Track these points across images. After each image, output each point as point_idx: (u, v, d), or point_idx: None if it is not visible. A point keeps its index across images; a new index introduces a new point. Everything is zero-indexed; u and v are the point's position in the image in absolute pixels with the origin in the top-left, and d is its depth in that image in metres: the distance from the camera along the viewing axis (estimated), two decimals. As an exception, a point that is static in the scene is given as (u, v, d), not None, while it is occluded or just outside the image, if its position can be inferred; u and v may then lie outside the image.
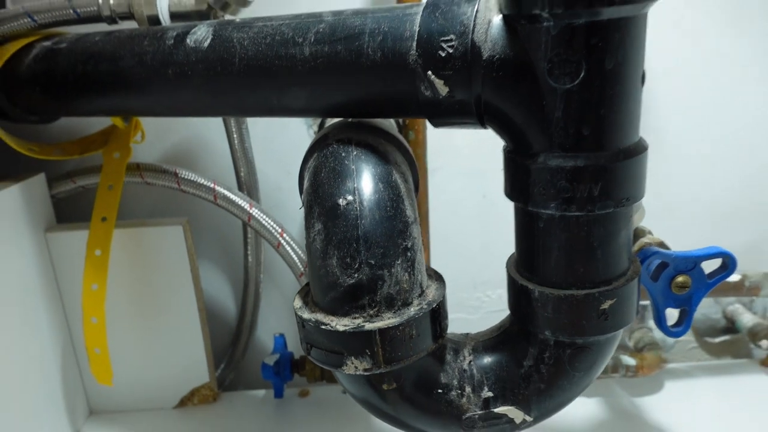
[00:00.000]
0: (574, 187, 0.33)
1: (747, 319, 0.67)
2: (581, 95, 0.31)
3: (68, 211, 0.64)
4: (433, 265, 0.66)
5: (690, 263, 0.41)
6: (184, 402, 0.68)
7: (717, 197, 0.68)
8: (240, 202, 0.60)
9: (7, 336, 0.54)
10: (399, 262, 0.36)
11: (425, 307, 0.37)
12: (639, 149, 0.34)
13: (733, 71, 0.64)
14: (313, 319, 0.37)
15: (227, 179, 0.65)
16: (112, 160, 0.58)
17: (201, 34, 0.42)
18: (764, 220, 0.68)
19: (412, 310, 0.36)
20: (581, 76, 0.31)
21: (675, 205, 0.68)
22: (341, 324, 0.36)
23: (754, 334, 0.66)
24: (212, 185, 0.59)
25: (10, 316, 0.54)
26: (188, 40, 0.43)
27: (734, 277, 0.61)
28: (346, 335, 0.35)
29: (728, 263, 0.41)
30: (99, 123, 0.59)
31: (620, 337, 0.40)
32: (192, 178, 0.59)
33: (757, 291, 0.61)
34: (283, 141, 0.68)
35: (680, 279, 0.41)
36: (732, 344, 0.69)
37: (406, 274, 0.36)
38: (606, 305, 0.36)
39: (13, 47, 0.51)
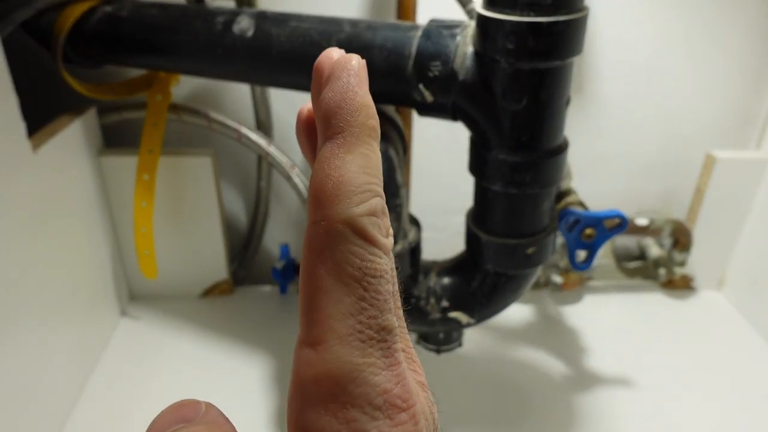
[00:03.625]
0: (514, 174, 0.48)
1: (654, 251, 0.85)
2: (523, 114, 0.46)
3: (114, 138, 0.76)
4: (413, 193, 0.82)
5: (596, 221, 0.57)
6: (207, 293, 0.85)
7: (641, 153, 0.83)
8: (259, 141, 0.73)
9: (72, 238, 0.68)
10: (392, 216, 0.51)
11: (407, 246, 0.53)
12: (560, 149, 0.49)
13: (664, 49, 0.77)
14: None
15: (246, 117, 0.78)
16: (155, 101, 0.70)
17: (245, 24, 0.54)
18: (677, 174, 0.85)
19: (398, 248, 0.52)
20: (524, 102, 0.45)
21: (607, 157, 0.83)
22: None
23: (657, 264, 0.84)
24: (237, 127, 0.72)
25: (73, 222, 0.68)
26: (234, 29, 0.55)
27: (642, 221, 0.78)
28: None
29: (622, 222, 0.58)
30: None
31: (540, 270, 0.57)
32: (221, 120, 0.72)
33: (659, 233, 0.79)
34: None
35: (588, 231, 0.58)
36: (642, 269, 0.88)
37: (395, 223, 0.52)
38: (530, 250, 0.53)
39: (79, 8, 0.61)
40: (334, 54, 0.17)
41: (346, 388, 0.15)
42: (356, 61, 0.17)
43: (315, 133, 0.18)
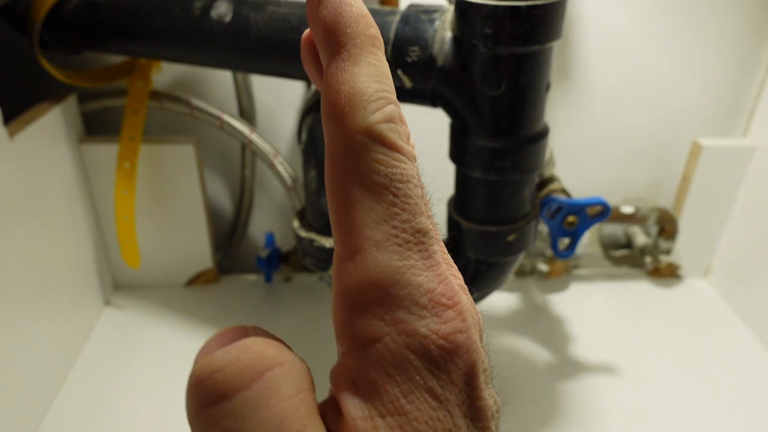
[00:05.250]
0: (494, 160, 0.48)
1: (640, 239, 0.85)
2: (502, 100, 0.45)
3: (95, 125, 0.76)
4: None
5: (578, 208, 0.57)
6: (191, 282, 0.84)
7: (627, 141, 0.83)
8: (242, 129, 0.72)
9: (53, 227, 0.67)
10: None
11: (386, 233, 0.52)
12: (541, 135, 0.49)
13: (651, 37, 0.76)
14: (308, 238, 0.52)
15: (229, 104, 0.77)
16: (136, 88, 0.69)
17: (223, 10, 0.54)
18: (663, 163, 0.84)
19: (377, 236, 0.52)
20: (502, 87, 0.45)
21: (593, 145, 0.83)
22: (329, 242, 0.51)
23: (643, 252, 0.84)
24: (219, 114, 0.72)
25: (53, 210, 0.67)
26: (212, 14, 0.54)
27: (628, 209, 0.78)
28: (332, 251, 0.51)
29: (604, 210, 0.57)
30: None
31: (521, 257, 0.57)
32: (203, 107, 0.71)
33: (645, 221, 0.79)
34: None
35: (570, 219, 0.58)
36: (629, 257, 0.88)
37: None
38: (511, 237, 0.53)
39: (56, -7, 0.61)
40: None
41: (389, 292, 0.15)
42: None
43: (318, 55, 0.17)
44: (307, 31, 0.18)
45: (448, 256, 0.17)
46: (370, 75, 0.16)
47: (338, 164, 0.16)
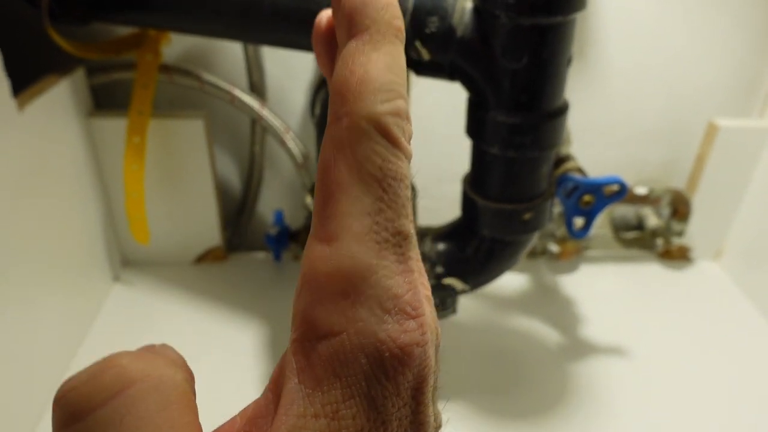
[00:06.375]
0: (512, 136, 0.47)
1: (652, 221, 0.84)
2: (523, 73, 0.44)
3: (104, 99, 0.75)
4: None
5: (594, 187, 0.56)
6: (200, 259, 0.84)
7: (643, 121, 0.82)
8: (253, 104, 0.71)
9: (61, 202, 0.67)
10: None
11: (401, 210, 0.52)
12: (561, 111, 0.48)
13: (668, 15, 0.75)
14: (322, 214, 0.51)
15: (239, 79, 0.76)
16: (145, 62, 0.68)
17: (236, -22, 0.52)
18: (678, 143, 0.83)
19: (392, 212, 0.51)
20: (524, 60, 0.44)
21: (608, 124, 0.82)
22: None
23: (654, 234, 0.84)
24: (230, 89, 0.71)
25: (63, 185, 0.67)
26: (225, -17, 0.53)
27: (642, 190, 0.77)
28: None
29: (621, 189, 0.56)
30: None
31: (536, 237, 0.56)
32: (213, 81, 0.70)
33: (658, 201, 0.78)
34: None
35: (586, 198, 0.57)
36: (640, 240, 0.87)
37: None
38: (527, 216, 0.52)
39: (64, -38, 0.59)
40: None
41: (358, 287, 0.14)
42: None
43: (334, 43, 0.17)
44: (323, 13, 0.18)
45: (422, 265, 0.17)
46: (386, 64, 0.16)
47: (336, 145, 0.15)
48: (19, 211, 0.57)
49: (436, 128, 0.80)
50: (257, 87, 0.75)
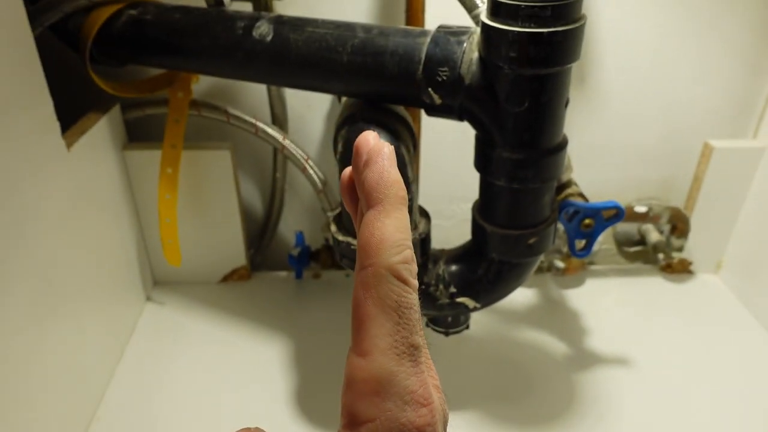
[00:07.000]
0: (517, 171, 0.52)
1: (653, 236, 0.88)
2: (525, 116, 0.49)
3: (136, 133, 0.80)
4: (421, 182, 0.85)
5: (594, 212, 0.61)
6: (226, 278, 0.89)
7: (641, 142, 0.86)
8: (276, 135, 0.77)
9: (101, 228, 0.72)
10: (402, 210, 0.55)
11: (417, 237, 0.57)
12: (560, 147, 0.52)
13: (664, 39, 0.79)
14: (346, 241, 0.57)
15: (262, 112, 0.82)
16: (177, 98, 0.74)
17: (264, 29, 0.58)
18: (676, 163, 0.88)
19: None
20: (525, 104, 0.49)
21: (608, 146, 0.86)
22: (363, 246, 0.55)
23: (656, 249, 0.88)
24: (254, 121, 0.76)
25: (102, 214, 0.72)
26: (254, 33, 0.58)
27: (641, 209, 0.82)
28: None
29: (619, 213, 0.61)
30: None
31: (541, 258, 0.61)
32: (238, 115, 0.76)
33: (657, 219, 0.82)
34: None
35: (587, 221, 0.62)
36: (642, 254, 0.91)
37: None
38: (532, 240, 0.57)
39: (106, 12, 0.65)
40: (370, 139, 0.23)
41: (385, 387, 0.20)
42: (387, 149, 0.22)
43: (354, 191, 0.24)
44: (346, 171, 0.24)
45: (430, 362, 0.23)
46: (396, 227, 0.21)
47: (365, 286, 0.21)
48: (66, 239, 0.63)
49: (446, 152, 0.85)
50: (279, 119, 0.80)
